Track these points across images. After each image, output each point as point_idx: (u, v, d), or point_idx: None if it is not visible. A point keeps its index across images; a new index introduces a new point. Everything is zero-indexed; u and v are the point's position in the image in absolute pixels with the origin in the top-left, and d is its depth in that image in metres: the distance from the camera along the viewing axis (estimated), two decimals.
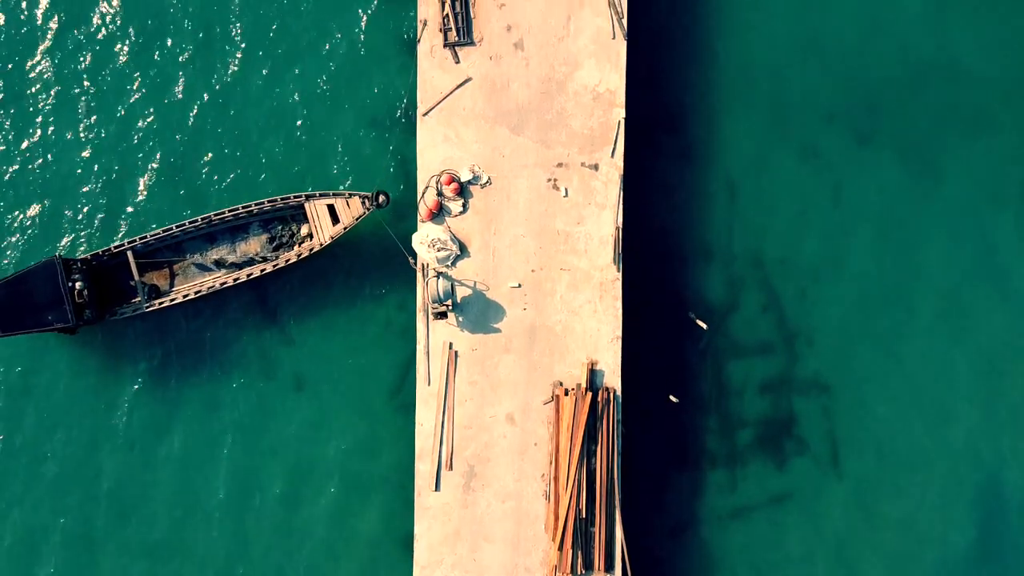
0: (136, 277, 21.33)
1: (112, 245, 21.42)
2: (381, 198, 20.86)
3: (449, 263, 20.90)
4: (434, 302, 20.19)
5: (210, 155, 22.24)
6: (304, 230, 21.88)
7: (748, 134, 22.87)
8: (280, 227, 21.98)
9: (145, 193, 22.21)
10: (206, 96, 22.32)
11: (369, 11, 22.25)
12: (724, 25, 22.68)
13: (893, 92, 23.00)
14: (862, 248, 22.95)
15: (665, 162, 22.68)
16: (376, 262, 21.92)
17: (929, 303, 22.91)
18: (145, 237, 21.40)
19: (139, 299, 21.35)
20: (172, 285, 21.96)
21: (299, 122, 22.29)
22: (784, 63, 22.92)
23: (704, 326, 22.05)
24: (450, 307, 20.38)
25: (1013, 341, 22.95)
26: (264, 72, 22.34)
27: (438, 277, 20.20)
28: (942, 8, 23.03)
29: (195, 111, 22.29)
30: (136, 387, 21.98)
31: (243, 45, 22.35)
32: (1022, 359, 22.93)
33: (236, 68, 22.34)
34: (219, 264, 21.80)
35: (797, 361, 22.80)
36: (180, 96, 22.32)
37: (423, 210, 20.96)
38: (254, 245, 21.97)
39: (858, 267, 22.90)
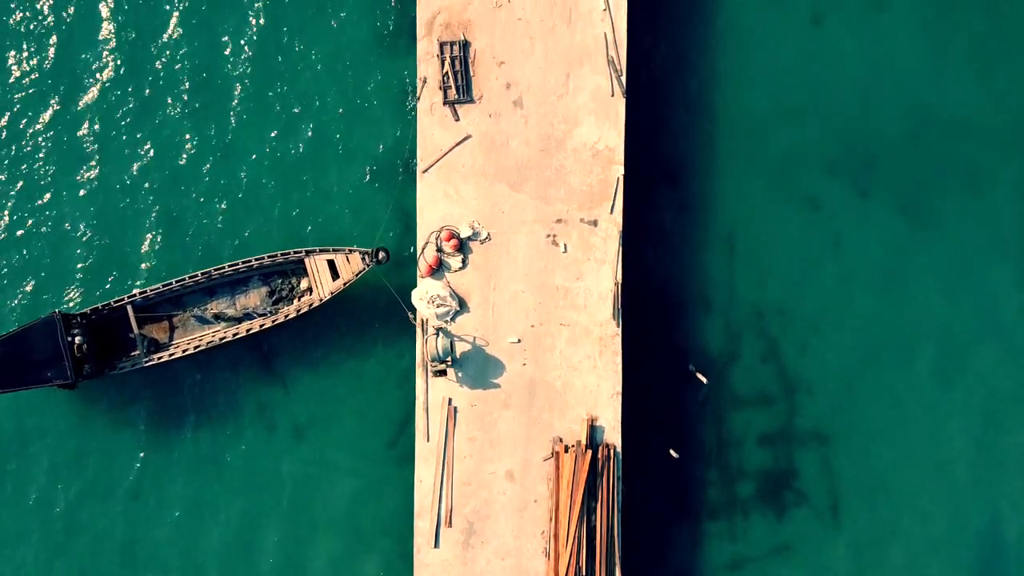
0: (135, 330, 21.37)
1: (112, 300, 21.46)
2: (381, 255, 20.92)
3: (449, 319, 20.94)
4: (433, 360, 20.20)
5: (211, 208, 22.30)
6: (304, 284, 21.92)
7: (748, 186, 22.95)
8: (280, 281, 22.03)
9: (146, 247, 22.25)
10: (206, 150, 22.39)
11: (370, 65, 22.36)
12: (723, 79, 22.78)
13: (893, 144, 23.10)
14: (862, 299, 22.98)
15: (665, 214, 22.75)
16: (374, 311, 21.93)
17: (929, 354, 22.92)
18: (145, 291, 21.45)
19: (138, 352, 21.37)
20: (172, 338, 21.99)
21: (299, 175, 22.35)
22: (784, 116, 23.02)
23: (704, 380, 22.05)
24: (450, 363, 20.40)
25: (1012, 392, 22.95)
26: (264, 126, 22.42)
27: (437, 335, 20.23)
28: (941, 62, 23.14)
29: (195, 165, 22.35)
30: (136, 438, 21.97)
31: (244, 100, 22.45)
32: (1021, 410, 22.95)
33: (236, 122, 22.43)
34: (219, 317, 21.83)
35: (797, 412, 22.80)
36: (181, 150, 22.38)
37: (423, 266, 21.02)
38: (254, 298, 22.01)
39: (858, 318, 22.93)
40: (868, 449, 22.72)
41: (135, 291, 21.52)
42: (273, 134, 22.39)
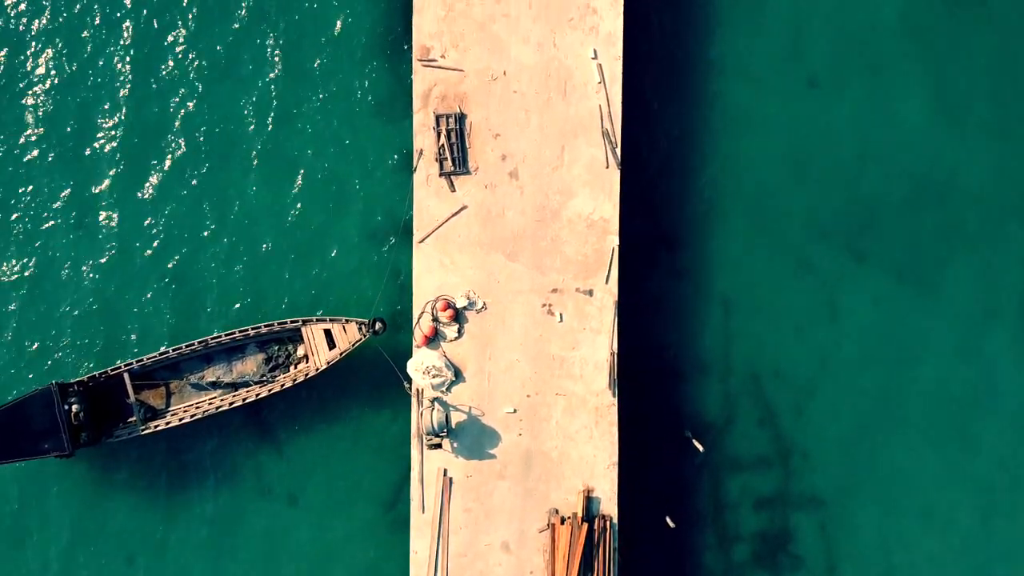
0: (132, 398, 21.45)
1: (109, 368, 21.54)
2: (378, 326, 20.99)
3: (444, 389, 20.98)
4: (429, 434, 20.24)
5: (208, 274, 22.37)
6: (300, 351, 21.99)
7: (743, 251, 23.01)
8: (277, 348, 22.09)
9: (143, 314, 22.31)
10: (202, 217, 22.47)
11: (368, 132, 22.46)
12: (719, 144, 22.86)
13: (888, 208, 23.17)
14: (858, 363, 23.02)
15: (661, 279, 22.81)
16: (370, 376, 21.94)
17: (925, 418, 22.95)
18: (142, 360, 21.54)
19: (135, 419, 21.43)
20: (168, 404, 22.05)
21: (296, 240, 22.43)
22: (780, 179, 23.10)
23: (700, 448, 22.06)
24: (445, 435, 20.44)
25: (1008, 455, 22.96)
26: (260, 190, 22.52)
27: (433, 409, 20.28)
28: (938, 125, 23.22)
29: (193, 232, 22.44)
30: (129, 504, 21.99)
31: (242, 164, 22.54)
32: (1018, 473, 22.93)
33: (233, 187, 22.52)
34: (215, 384, 21.90)
35: (793, 476, 22.81)
36: (178, 218, 22.48)
37: (418, 336, 21.08)
38: (250, 365, 22.08)
39: (854, 382, 22.96)
40: (864, 513, 22.72)
41: (132, 360, 21.59)
42: (270, 200, 22.49)
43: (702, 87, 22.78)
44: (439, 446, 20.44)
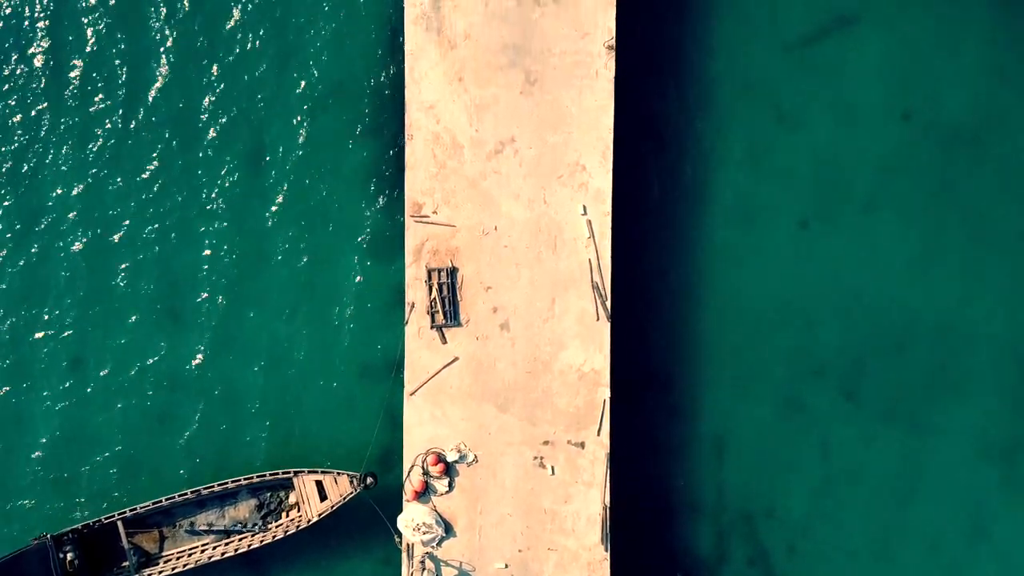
0: (125, 543, 21.58)
1: (103, 517, 21.66)
2: (369, 480, 21.07)
3: (435, 544, 21.02)
4: None
5: (198, 417, 22.49)
6: (292, 498, 22.11)
7: (734, 390, 23.04)
8: (269, 494, 22.22)
9: (134, 458, 22.45)
10: (192, 360, 22.60)
11: (361, 276, 22.61)
12: (710, 285, 22.94)
13: (879, 348, 23.19)
14: (849, 503, 23.02)
15: (652, 419, 22.87)
16: (361, 521, 21.96)
17: (916, 559, 22.92)
18: (136, 508, 21.70)
19: (128, 565, 21.54)
20: (162, 548, 22.17)
21: (288, 383, 22.54)
22: (771, 319, 23.14)
23: None
24: None
25: None
26: (252, 331, 22.65)
27: (423, 569, 20.32)
28: (930, 265, 23.22)
29: (186, 375, 22.58)
30: None
31: (236, 304, 22.67)
32: None
33: (228, 328, 22.65)
34: (209, 530, 22.01)
35: None
36: (171, 360, 22.62)
37: (409, 490, 21.14)
38: (243, 510, 22.18)
39: (846, 522, 22.94)
40: None
41: (126, 509, 21.73)
42: (262, 337, 22.60)
43: (692, 229, 22.88)
44: None
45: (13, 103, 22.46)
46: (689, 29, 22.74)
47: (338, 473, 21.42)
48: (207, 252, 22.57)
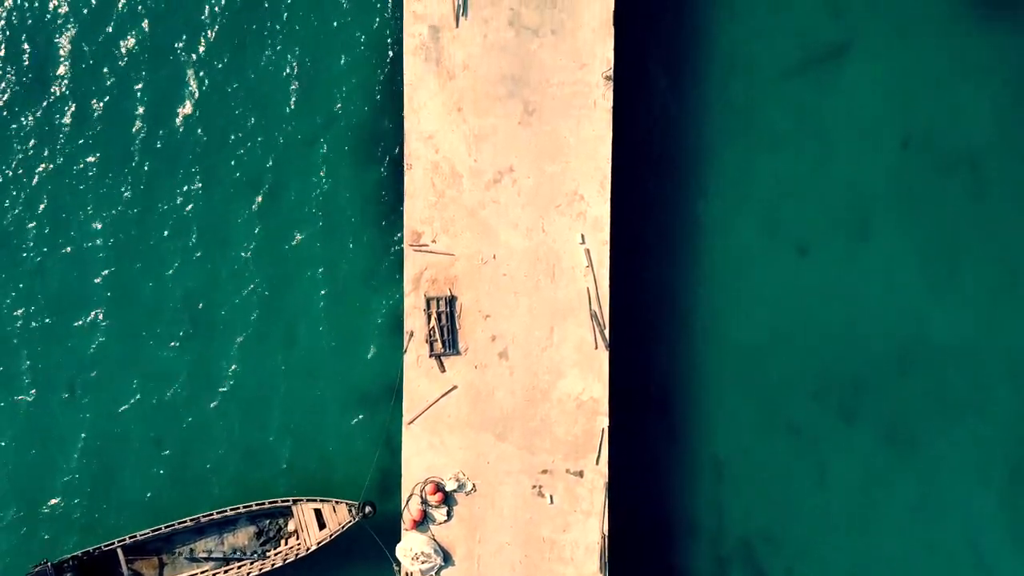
0: (125, 571, 21.63)
1: (103, 544, 21.69)
2: (367, 509, 21.11)
3: (434, 573, 21.05)
4: None
5: (197, 443, 22.53)
6: (291, 525, 22.15)
7: (733, 413, 23.08)
8: (268, 522, 22.26)
9: (133, 485, 22.49)
10: (192, 384, 22.64)
11: (360, 302, 22.66)
12: (709, 311, 22.96)
13: (877, 372, 23.22)
14: (848, 526, 23.04)
15: (651, 445, 22.90)
16: (361, 546, 22.01)
17: None
18: (135, 536, 21.75)
19: None
20: (161, 575, 22.23)
21: (287, 410, 22.59)
22: (770, 344, 23.16)
23: None
24: None
25: None
26: (250, 359, 22.70)
27: None
28: (927, 290, 23.26)
29: (185, 402, 22.61)
30: None
31: (230, 333, 22.71)
32: None
33: (226, 355, 22.68)
34: (208, 557, 22.05)
35: None
36: (169, 386, 22.65)
37: (407, 519, 21.17)
38: (242, 538, 22.22)
39: (844, 546, 22.95)
40: None
41: (126, 536, 21.76)
42: (259, 366, 22.63)
43: (690, 254, 22.92)
44: None
45: (34, 140, 22.57)
46: (685, 58, 22.78)
47: (337, 502, 21.46)
48: (205, 281, 22.63)
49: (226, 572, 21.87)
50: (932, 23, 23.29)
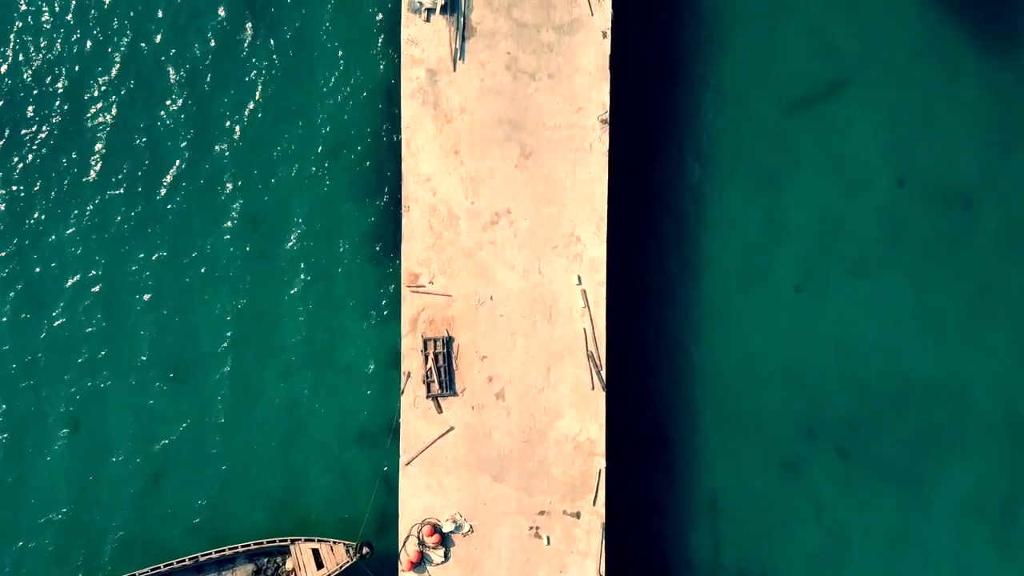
0: None
1: None
2: (365, 550, 21.15)
3: None
4: None
5: (194, 482, 22.58)
6: (288, 564, 22.17)
7: (730, 450, 23.21)
8: (266, 560, 22.27)
9: (132, 522, 22.54)
10: (189, 426, 22.69)
11: (354, 335, 22.71)
12: (708, 348, 23.07)
13: (873, 409, 23.35)
14: (844, 563, 23.13)
15: (648, 482, 22.96)
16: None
17: None
18: (134, 574, 21.78)
19: None
20: None
21: (285, 448, 22.64)
22: (766, 381, 23.29)
23: None
24: None
25: None
26: (248, 397, 22.76)
27: None
28: (921, 327, 23.43)
29: (183, 439, 22.67)
30: None
31: (228, 372, 22.77)
32: None
33: (225, 393, 22.74)
34: None
35: None
36: (168, 424, 22.70)
37: (404, 560, 21.20)
38: (240, 575, 22.32)
39: None
40: None
41: (125, 575, 21.79)
42: (257, 402, 22.69)
43: (688, 293, 23.01)
44: None
45: (28, 185, 22.69)
46: (683, 99, 22.91)
47: (334, 542, 21.50)
48: (204, 318, 22.68)
49: None
50: (926, 62, 23.45)
